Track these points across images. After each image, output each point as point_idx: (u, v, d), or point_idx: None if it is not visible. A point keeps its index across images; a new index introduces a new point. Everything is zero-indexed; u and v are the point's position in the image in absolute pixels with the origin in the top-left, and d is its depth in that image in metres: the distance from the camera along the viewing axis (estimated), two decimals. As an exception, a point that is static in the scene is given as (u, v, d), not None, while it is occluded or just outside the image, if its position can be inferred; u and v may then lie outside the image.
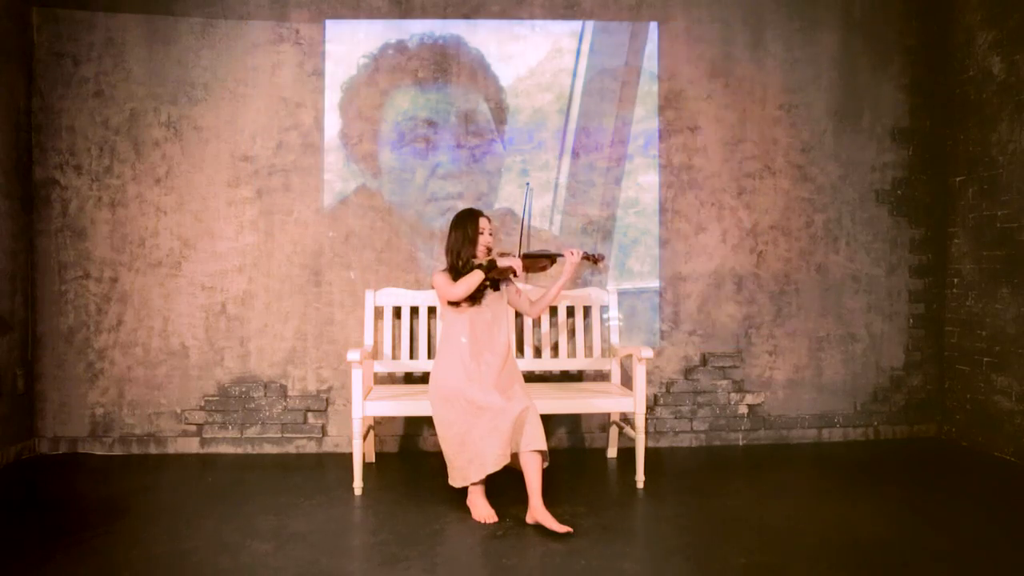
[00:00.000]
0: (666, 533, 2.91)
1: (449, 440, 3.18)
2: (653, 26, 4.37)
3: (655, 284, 4.37)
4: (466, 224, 3.38)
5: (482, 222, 3.41)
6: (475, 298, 3.30)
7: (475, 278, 3.25)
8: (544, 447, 3.09)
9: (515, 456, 3.09)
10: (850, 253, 4.50)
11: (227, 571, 2.53)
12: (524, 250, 3.45)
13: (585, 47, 4.35)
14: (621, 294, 4.29)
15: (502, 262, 3.30)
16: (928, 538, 2.85)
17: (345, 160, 4.28)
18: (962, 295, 4.41)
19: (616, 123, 4.37)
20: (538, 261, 3.43)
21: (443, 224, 4.14)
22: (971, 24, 4.34)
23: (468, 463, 3.08)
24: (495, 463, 3.04)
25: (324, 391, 4.27)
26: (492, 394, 3.11)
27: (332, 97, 4.26)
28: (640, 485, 3.54)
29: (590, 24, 4.34)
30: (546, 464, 3.11)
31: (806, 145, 4.46)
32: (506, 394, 3.13)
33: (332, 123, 4.27)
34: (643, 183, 4.38)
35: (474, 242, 3.35)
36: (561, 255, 3.44)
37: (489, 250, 3.42)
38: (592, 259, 3.45)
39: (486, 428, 3.05)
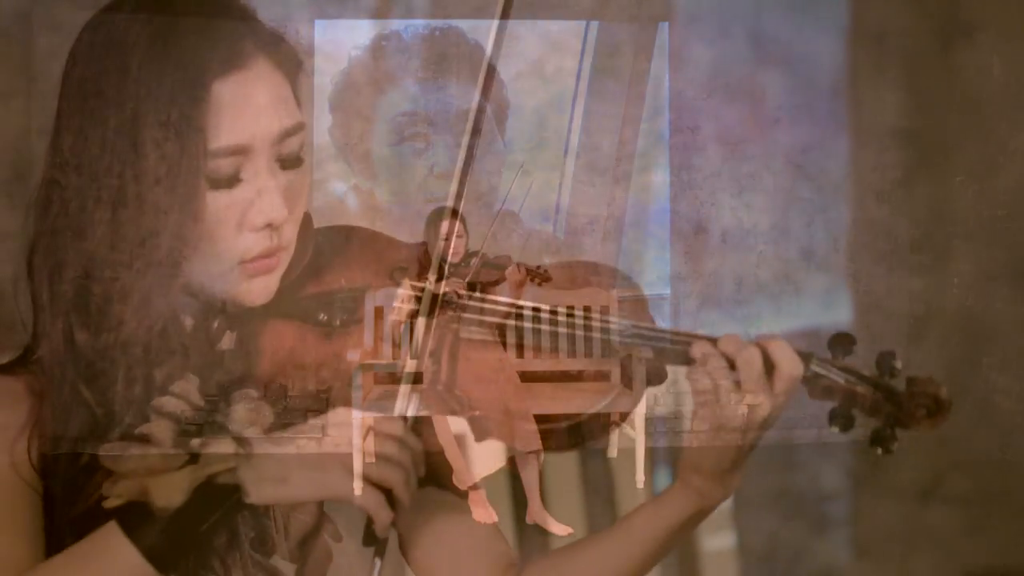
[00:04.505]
0: (666, 533, 2.94)
1: (448, 443, 3.18)
2: (655, 26, 4.39)
3: (662, 290, 4.37)
4: (428, 228, 3.33)
5: (444, 227, 3.34)
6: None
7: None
8: (539, 447, 3.09)
9: (513, 458, 3.11)
10: (850, 253, 4.52)
11: (228, 572, 2.55)
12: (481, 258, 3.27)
13: (588, 46, 4.36)
14: (622, 301, 4.30)
15: None
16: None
17: (342, 159, 4.29)
18: (962, 295, 4.43)
19: (618, 123, 4.39)
20: (491, 273, 3.30)
21: (443, 224, 4.19)
22: (971, 24, 4.37)
23: (466, 467, 3.09)
24: (494, 463, 3.05)
25: (324, 391, 4.28)
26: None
27: (327, 95, 4.29)
28: (640, 485, 3.56)
29: (594, 24, 4.36)
30: (542, 460, 3.11)
31: (806, 145, 4.48)
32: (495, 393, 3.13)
33: (328, 121, 4.29)
34: (646, 183, 4.40)
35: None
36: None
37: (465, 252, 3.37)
38: (536, 279, 3.26)
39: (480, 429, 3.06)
